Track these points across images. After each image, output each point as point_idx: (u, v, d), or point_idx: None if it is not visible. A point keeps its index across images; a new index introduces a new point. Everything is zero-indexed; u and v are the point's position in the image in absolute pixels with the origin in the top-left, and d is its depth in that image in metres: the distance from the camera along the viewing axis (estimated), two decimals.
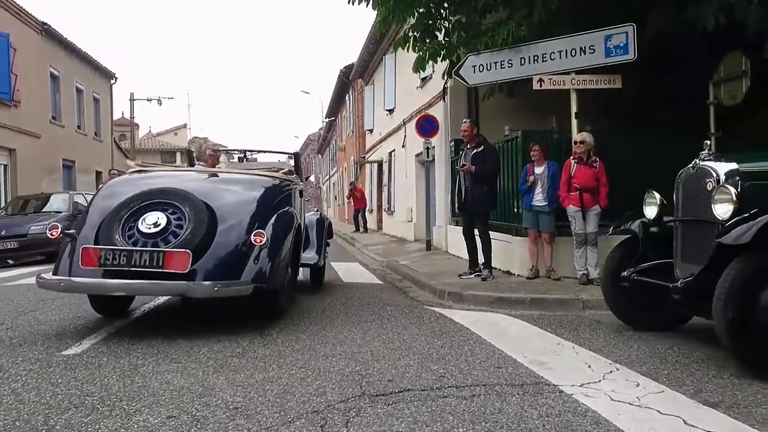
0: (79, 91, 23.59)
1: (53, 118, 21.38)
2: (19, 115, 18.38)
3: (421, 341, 4.44)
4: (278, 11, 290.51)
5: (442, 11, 8.38)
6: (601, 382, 3.36)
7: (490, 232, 7.42)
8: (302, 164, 8.75)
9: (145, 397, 3.14)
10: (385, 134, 18.66)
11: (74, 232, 4.86)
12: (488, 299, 6.18)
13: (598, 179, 6.75)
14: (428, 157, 12.02)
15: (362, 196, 20.88)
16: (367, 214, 20.71)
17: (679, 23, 6.65)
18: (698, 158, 4.18)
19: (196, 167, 7.02)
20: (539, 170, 7.16)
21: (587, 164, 6.79)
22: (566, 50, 7.27)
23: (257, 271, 4.73)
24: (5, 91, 16.95)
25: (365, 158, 22.96)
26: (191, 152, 8.35)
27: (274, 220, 5.14)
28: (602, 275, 5.10)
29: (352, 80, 24.42)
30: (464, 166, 7.30)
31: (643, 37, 6.96)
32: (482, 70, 7.71)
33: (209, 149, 6.70)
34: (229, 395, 3.15)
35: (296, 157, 8.26)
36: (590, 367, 3.69)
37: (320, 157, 45.05)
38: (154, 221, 4.64)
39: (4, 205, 16.21)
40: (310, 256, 6.93)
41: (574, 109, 7.33)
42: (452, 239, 10.64)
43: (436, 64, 8.93)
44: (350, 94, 26.24)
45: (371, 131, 21.71)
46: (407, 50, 8.55)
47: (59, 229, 4.84)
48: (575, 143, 6.87)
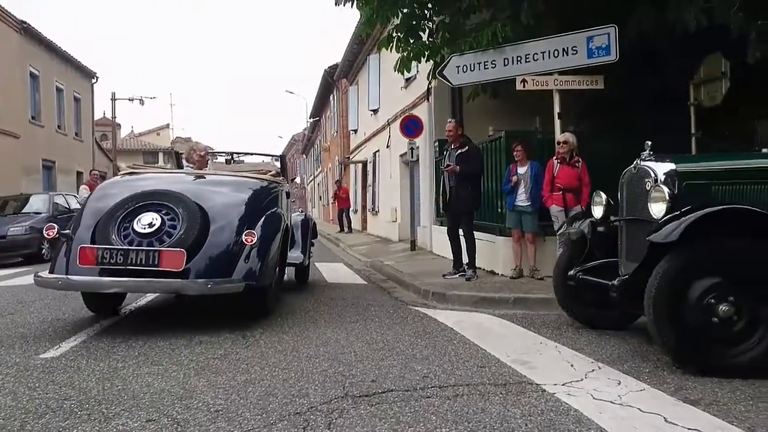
0: (59, 90, 23.31)
1: (33, 117, 21.10)
2: None
3: (404, 341, 4.43)
4: (262, 10, 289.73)
5: (426, 12, 8.40)
6: (583, 380, 3.38)
7: (474, 232, 7.45)
8: (287, 165, 8.81)
9: (124, 400, 3.09)
10: (369, 134, 18.64)
11: (69, 232, 5.01)
12: (472, 299, 6.20)
13: (580, 179, 6.79)
14: (412, 157, 12.05)
15: (347, 196, 20.84)
16: (351, 214, 20.68)
17: (660, 24, 6.72)
18: (639, 158, 4.24)
19: (185, 169, 6.99)
20: (522, 170, 7.19)
21: (570, 164, 6.83)
22: (549, 51, 7.32)
23: (248, 269, 4.89)
24: None
25: (350, 158, 22.93)
26: (179, 154, 8.30)
27: (263, 220, 5.31)
28: (553, 275, 5.09)
29: (336, 80, 24.36)
30: (449, 166, 7.32)
31: (625, 38, 7.03)
32: (466, 70, 7.73)
33: (199, 152, 6.66)
34: (210, 397, 3.12)
35: (282, 159, 8.49)
36: (573, 366, 3.71)
37: (305, 157, 44.88)
38: (149, 222, 4.79)
39: None
40: (295, 255, 7.11)
41: (557, 109, 7.38)
42: (436, 239, 10.64)
43: (420, 64, 8.94)
44: (335, 94, 26.17)
45: (356, 131, 21.68)
46: (391, 50, 8.55)
47: (56, 229, 5.01)
48: (558, 143, 6.93)
